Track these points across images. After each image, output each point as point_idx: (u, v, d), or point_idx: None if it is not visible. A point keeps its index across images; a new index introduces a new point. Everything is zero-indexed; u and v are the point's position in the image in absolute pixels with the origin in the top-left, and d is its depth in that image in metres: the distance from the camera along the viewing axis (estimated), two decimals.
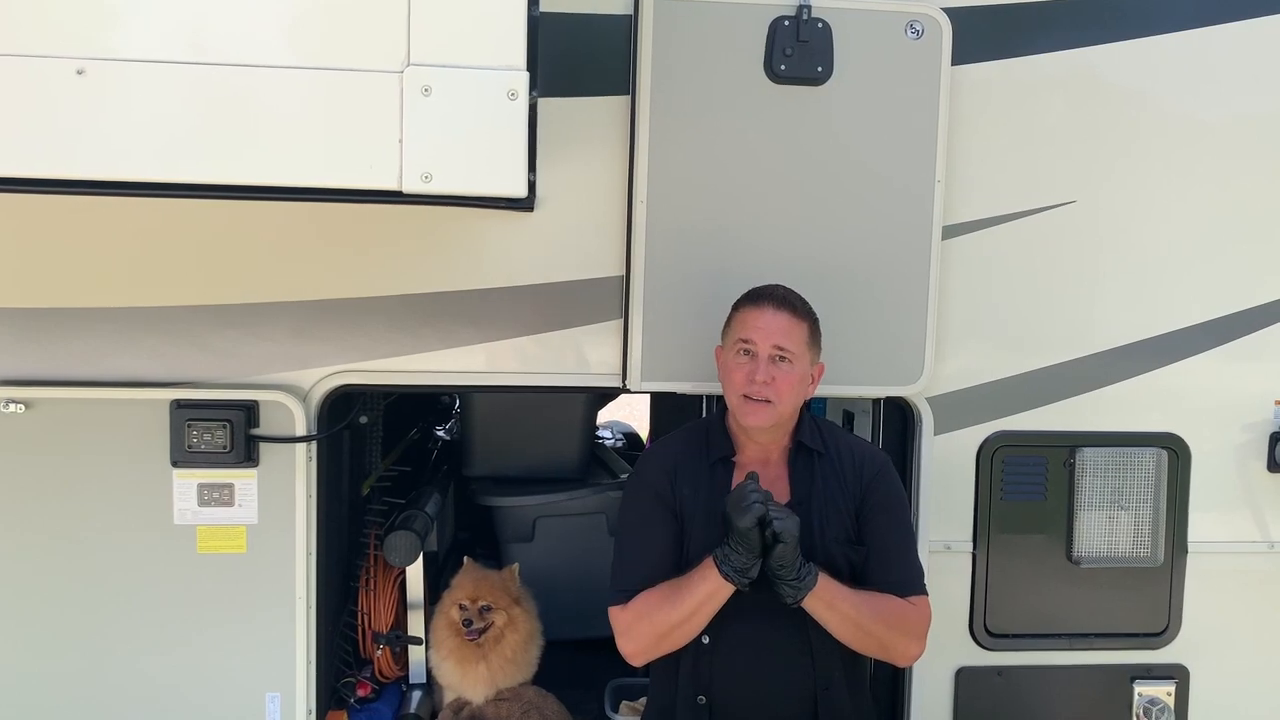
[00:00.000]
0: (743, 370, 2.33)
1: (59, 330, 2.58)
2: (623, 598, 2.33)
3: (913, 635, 2.34)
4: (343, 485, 3.05)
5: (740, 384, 2.33)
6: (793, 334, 2.34)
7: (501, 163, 2.01)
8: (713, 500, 2.35)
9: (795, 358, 2.34)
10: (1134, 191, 2.85)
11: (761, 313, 2.35)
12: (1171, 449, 2.90)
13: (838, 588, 2.26)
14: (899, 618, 2.32)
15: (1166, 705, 2.94)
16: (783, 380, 2.32)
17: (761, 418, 2.32)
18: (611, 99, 2.64)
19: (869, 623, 2.28)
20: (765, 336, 2.32)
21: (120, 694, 2.66)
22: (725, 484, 2.38)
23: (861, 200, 2.70)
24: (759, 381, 2.30)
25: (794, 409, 2.40)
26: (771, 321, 2.34)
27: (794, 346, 2.34)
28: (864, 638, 2.31)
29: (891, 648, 2.35)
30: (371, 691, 3.03)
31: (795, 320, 2.36)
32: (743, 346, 2.35)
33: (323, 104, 1.98)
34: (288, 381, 2.65)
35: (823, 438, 2.46)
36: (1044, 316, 2.85)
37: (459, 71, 1.97)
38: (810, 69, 2.64)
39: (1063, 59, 2.79)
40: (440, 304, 2.66)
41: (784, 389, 2.32)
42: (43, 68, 1.91)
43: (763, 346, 2.32)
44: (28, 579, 2.62)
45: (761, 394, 2.30)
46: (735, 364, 2.36)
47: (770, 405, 2.31)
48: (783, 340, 2.33)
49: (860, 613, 2.27)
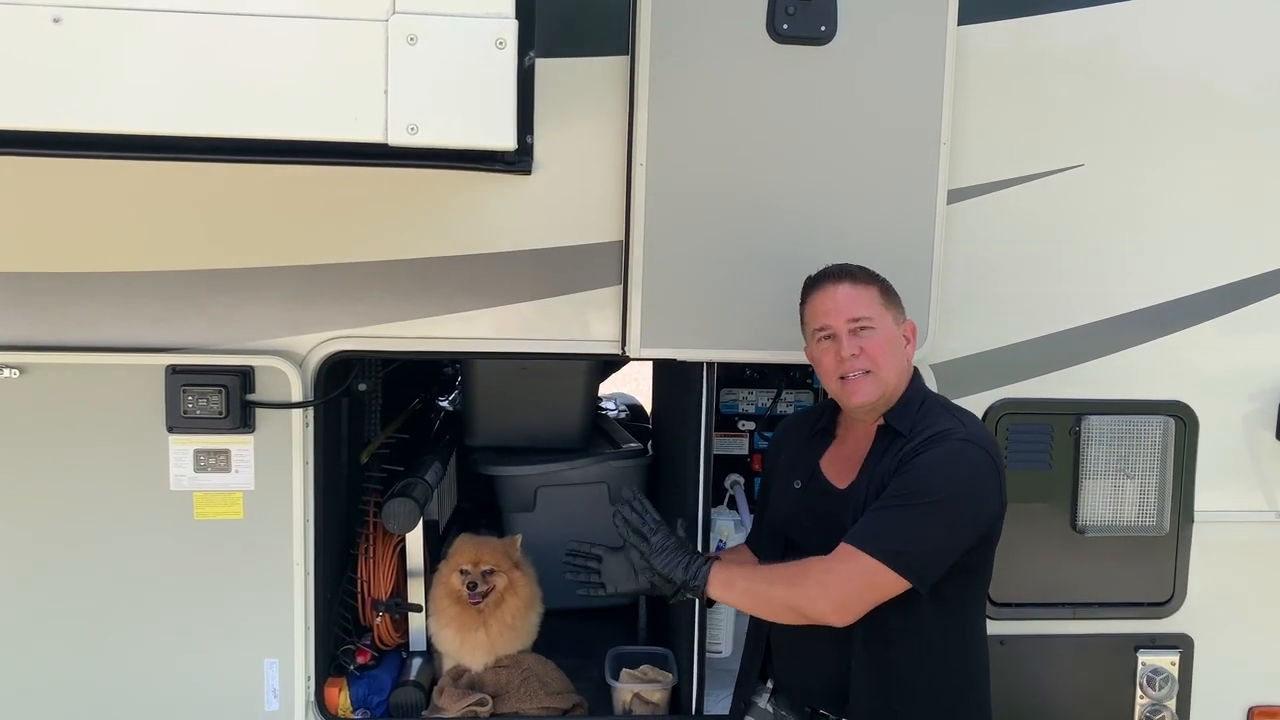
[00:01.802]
0: (830, 355, 2.27)
1: (53, 295, 2.56)
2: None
3: (809, 582, 2.12)
4: (341, 452, 3.04)
5: (832, 368, 2.27)
6: (862, 300, 2.26)
7: (490, 114, 1.95)
8: (797, 468, 2.38)
9: (875, 321, 2.26)
10: (1143, 155, 2.80)
11: (824, 294, 2.29)
12: (1179, 417, 2.87)
13: (732, 569, 2.24)
14: (796, 574, 2.14)
15: (1170, 674, 2.92)
16: (871, 347, 2.24)
17: (865, 393, 2.24)
18: (611, 59, 2.59)
19: (766, 588, 2.18)
20: (837, 315, 2.26)
21: (117, 660, 2.66)
22: (815, 454, 2.38)
23: (865, 163, 2.65)
24: (848, 357, 2.24)
25: (898, 375, 2.27)
26: (838, 296, 2.27)
27: (869, 311, 2.26)
28: (771, 606, 2.20)
29: (800, 604, 2.13)
30: (371, 659, 3.03)
31: (859, 287, 2.28)
32: (821, 334, 2.29)
33: (307, 54, 1.93)
34: (284, 347, 2.64)
35: (914, 418, 2.26)
36: (1050, 282, 2.81)
37: (445, 20, 1.92)
38: (814, 28, 2.59)
39: (1072, 19, 2.74)
40: (438, 269, 2.63)
41: (877, 354, 2.24)
42: (16, 15, 1.86)
43: (839, 324, 2.25)
44: (23, 545, 2.62)
45: (855, 367, 2.24)
46: (821, 351, 2.30)
47: (870, 376, 2.23)
48: (855, 310, 2.25)
49: (754, 583, 2.21)
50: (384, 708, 2.92)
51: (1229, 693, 2.97)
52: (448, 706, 2.91)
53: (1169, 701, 2.93)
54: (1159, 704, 2.93)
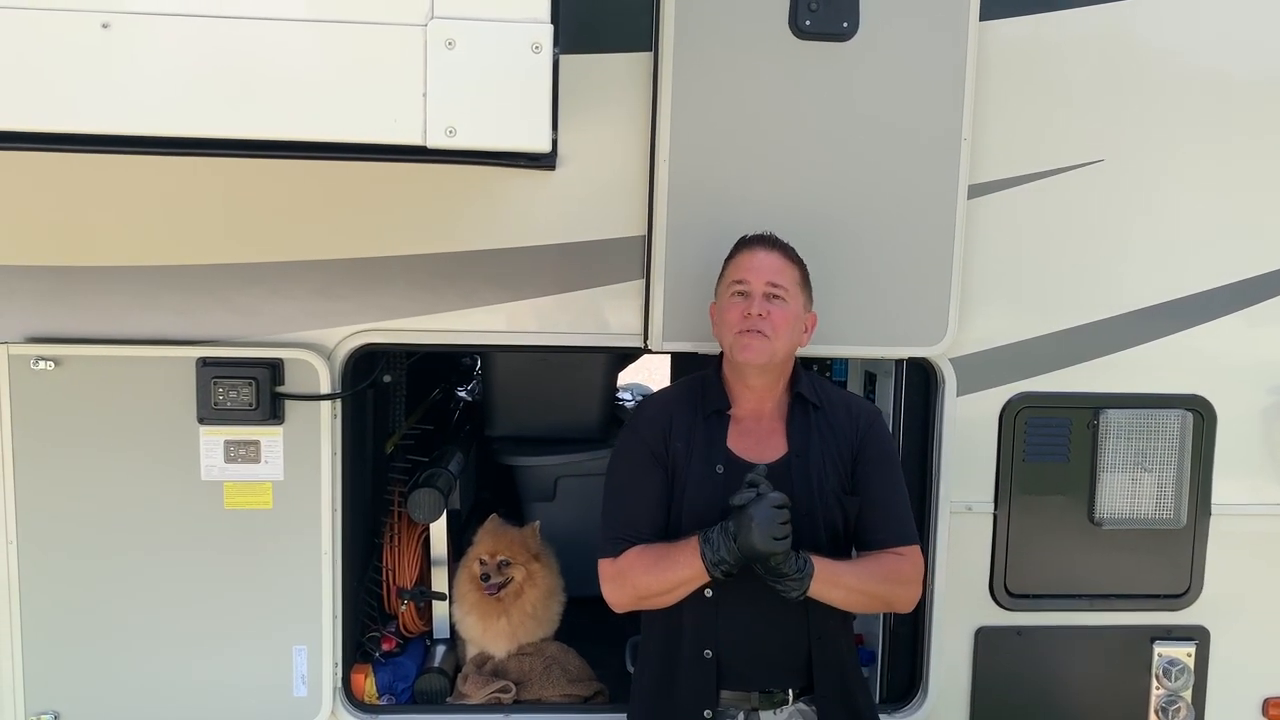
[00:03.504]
0: (737, 309, 2.35)
1: (87, 288, 2.61)
2: (611, 549, 2.37)
3: (910, 584, 2.38)
4: (367, 443, 3.08)
5: (735, 321, 2.34)
6: (785, 273, 2.38)
7: (525, 117, 2.00)
8: (707, 453, 2.37)
9: (789, 295, 2.36)
10: (1163, 150, 2.81)
11: (754, 254, 2.39)
12: (1197, 411, 2.88)
13: (834, 565, 2.28)
14: (895, 572, 2.36)
15: (1186, 666, 2.94)
16: (778, 315, 2.33)
17: (758, 352, 2.32)
18: (634, 55, 2.62)
19: (871, 586, 2.33)
20: (759, 275, 2.35)
21: (149, 646, 2.71)
22: (720, 437, 2.39)
23: (886, 158, 2.67)
24: (754, 314, 2.31)
25: (788, 350, 2.39)
26: (765, 261, 2.37)
27: (787, 284, 2.37)
28: (869, 601, 2.37)
29: (894, 602, 2.41)
30: (396, 646, 3.07)
31: (787, 261, 2.40)
32: (737, 288, 2.37)
33: (348, 58, 1.98)
34: (312, 340, 2.67)
35: (818, 391, 2.47)
36: (1069, 277, 2.82)
37: (483, 24, 1.96)
38: (836, 24, 2.60)
39: (1092, 14, 2.74)
40: (463, 264, 2.67)
41: (779, 323, 2.33)
42: (69, 21, 1.90)
43: (756, 284, 2.35)
44: (59, 532, 2.66)
45: (757, 325, 2.31)
46: (730, 305, 2.37)
47: (766, 340, 2.32)
48: (776, 277, 2.36)
49: (861, 580, 2.32)
50: (409, 694, 2.97)
51: (1244, 684, 2.99)
52: (471, 693, 2.95)
53: (1184, 693, 2.95)
54: (1174, 695, 2.95)
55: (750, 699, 2.38)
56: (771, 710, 2.37)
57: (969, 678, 2.92)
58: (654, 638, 2.46)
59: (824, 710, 2.37)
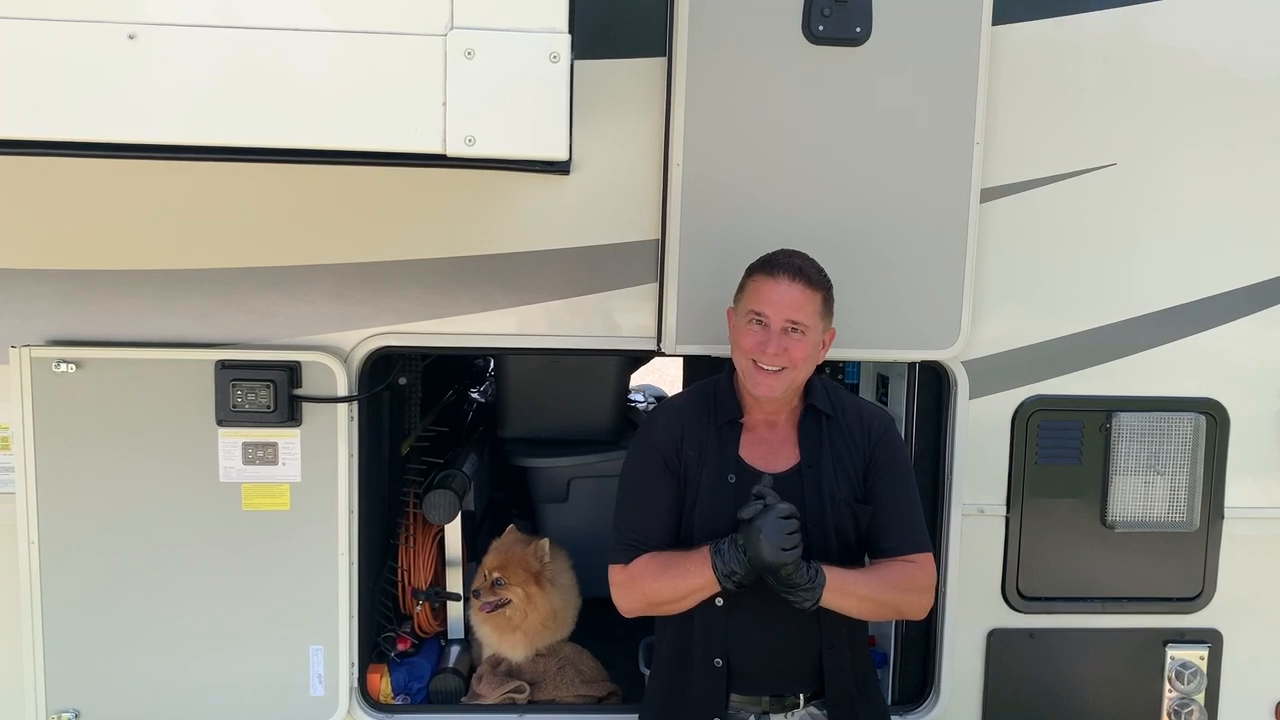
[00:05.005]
0: (754, 338, 2.31)
1: (107, 292, 2.64)
2: (622, 556, 2.37)
3: (922, 592, 2.38)
4: (383, 445, 3.10)
5: (750, 349, 2.31)
6: (806, 307, 2.32)
7: (544, 125, 2.02)
8: (719, 463, 2.37)
9: (808, 330, 2.32)
10: (1176, 154, 2.81)
11: (776, 284, 2.31)
12: (1210, 414, 2.88)
13: (845, 574, 2.28)
14: (907, 581, 2.35)
15: (1199, 669, 2.94)
16: (796, 349, 2.30)
17: (772, 387, 2.31)
18: (648, 60, 2.63)
19: (883, 595, 2.32)
20: (778, 311, 2.30)
21: (167, 645, 2.74)
22: (732, 446, 2.39)
23: (899, 162, 2.68)
24: (770, 353, 2.29)
25: (805, 376, 2.38)
26: (785, 294, 2.30)
27: (807, 319, 2.32)
28: (881, 609, 2.38)
29: (906, 610, 2.41)
30: (411, 646, 3.10)
31: (809, 292, 2.32)
32: (755, 317, 2.33)
33: (368, 68, 2.00)
34: (329, 343, 2.70)
35: (831, 400, 2.45)
36: (1082, 280, 2.83)
37: (502, 34, 1.98)
38: (849, 29, 2.62)
39: (1104, 18, 2.75)
40: (478, 267, 2.69)
41: (797, 357, 2.31)
42: (96, 32, 1.93)
43: (775, 319, 2.30)
44: (80, 533, 2.69)
45: (774, 363, 2.30)
46: (746, 330, 2.34)
47: (779, 375, 2.31)
48: (796, 315, 2.30)
49: (873, 589, 2.31)
50: (424, 694, 2.99)
51: (1257, 687, 3.00)
52: (486, 694, 2.98)
53: (1197, 695, 2.95)
54: (1187, 698, 2.95)
55: (761, 703, 2.39)
56: (782, 714, 2.39)
57: (981, 680, 2.93)
58: (667, 643, 2.47)
59: (835, 715, 2.38)
